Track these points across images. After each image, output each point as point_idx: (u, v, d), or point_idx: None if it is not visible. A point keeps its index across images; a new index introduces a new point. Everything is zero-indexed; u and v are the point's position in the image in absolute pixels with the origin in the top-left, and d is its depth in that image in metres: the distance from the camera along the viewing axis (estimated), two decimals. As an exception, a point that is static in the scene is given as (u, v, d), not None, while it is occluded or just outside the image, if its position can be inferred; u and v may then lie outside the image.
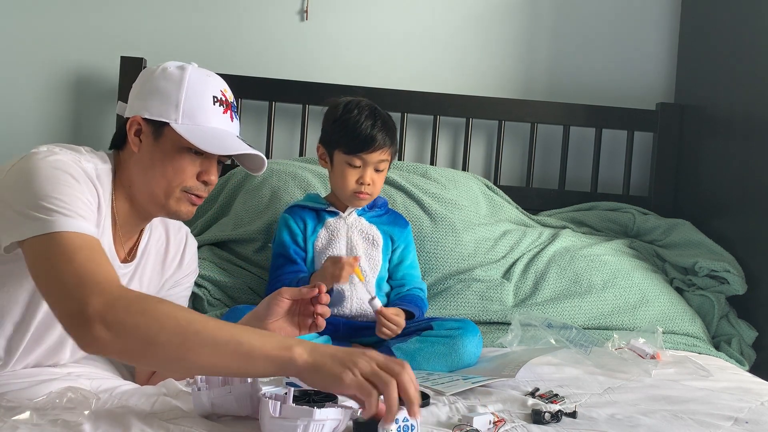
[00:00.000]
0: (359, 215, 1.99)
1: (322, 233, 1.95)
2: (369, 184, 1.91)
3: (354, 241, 1.95)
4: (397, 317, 1.81)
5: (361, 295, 1.90)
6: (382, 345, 1.80)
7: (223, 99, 1.45)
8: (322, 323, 1.46)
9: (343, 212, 1.98)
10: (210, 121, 1.43)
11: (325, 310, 1.45)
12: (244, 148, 1.44)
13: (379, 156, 1.91)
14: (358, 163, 1.90)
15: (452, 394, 1.54)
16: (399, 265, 2.01)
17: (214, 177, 1.45)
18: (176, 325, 1.14)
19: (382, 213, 2.03)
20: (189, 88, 1.42)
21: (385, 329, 1.79)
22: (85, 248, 1.21)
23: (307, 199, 2.04)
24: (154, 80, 1.44)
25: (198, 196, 1.45)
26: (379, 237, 1.98)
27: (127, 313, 1.13)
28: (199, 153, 1.42)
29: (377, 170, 1.92)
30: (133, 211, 1.46)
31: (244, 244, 2.24)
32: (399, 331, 1.81)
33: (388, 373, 1.09)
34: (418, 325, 1.86)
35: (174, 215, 1.45)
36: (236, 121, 1.49)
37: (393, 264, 2.00)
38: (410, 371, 1.11)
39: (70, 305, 1.15)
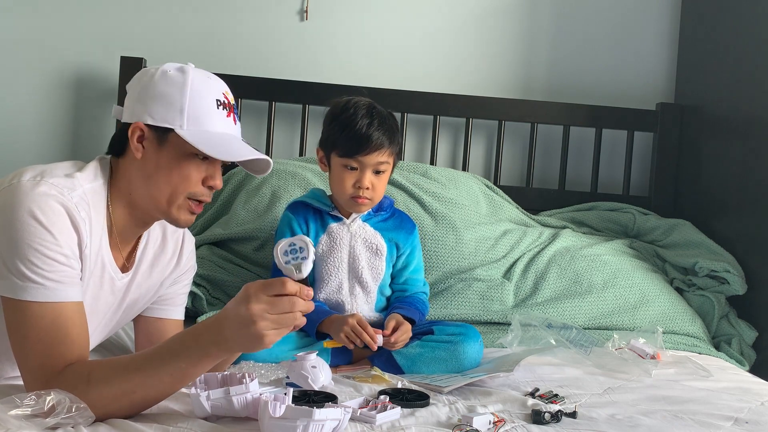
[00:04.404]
0: (364, 221, 1.91)
1: (324, 239, 1.88)
2: (368, 188, 1.82)
3: (357, 251, 1.88)
4: (401, 334, 1.75)
5: (362, 308, 1.87)
6: (381, 349, 1.77)
7: (226, 102, 1.43)
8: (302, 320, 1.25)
9: (347, 218, 1.90)
10: (216, 126, 1.40)
11: (307, 306, 1.25)
12: (252, 154, 1.42)
13: (377, 158, 1.82)
14: (354, 165, 1.82)
15: (451, 390, 1.55)
16: (403, 270, 1.95)
17: (219, 182, 1.44)
18: (117, 398, 1.23)
19: (387, 216, 1.95)
20: (192, 91, 1.39)
21: (394, 345, 1.75)
22: (49, 325, 1.25)
23: (312, 197, 1.94)
24: (154, 84, 1.40)
25: (200, 203, 1.43)
26: (383, 246, 1.90)
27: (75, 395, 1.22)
28: (204, 158, 1.40)
29: (377, 172, 1.84)
30: (131, 218, 1.44)
31: (244, 242, 2.23)
32: (407, 340, 1.76)
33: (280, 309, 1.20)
34: (418, 329, 1.83)
35: (174, 222, 1.44)
36: (238, 124, 1.47)
37: (397, 269, 1.95)
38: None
39: (28, 381, 1.27)
